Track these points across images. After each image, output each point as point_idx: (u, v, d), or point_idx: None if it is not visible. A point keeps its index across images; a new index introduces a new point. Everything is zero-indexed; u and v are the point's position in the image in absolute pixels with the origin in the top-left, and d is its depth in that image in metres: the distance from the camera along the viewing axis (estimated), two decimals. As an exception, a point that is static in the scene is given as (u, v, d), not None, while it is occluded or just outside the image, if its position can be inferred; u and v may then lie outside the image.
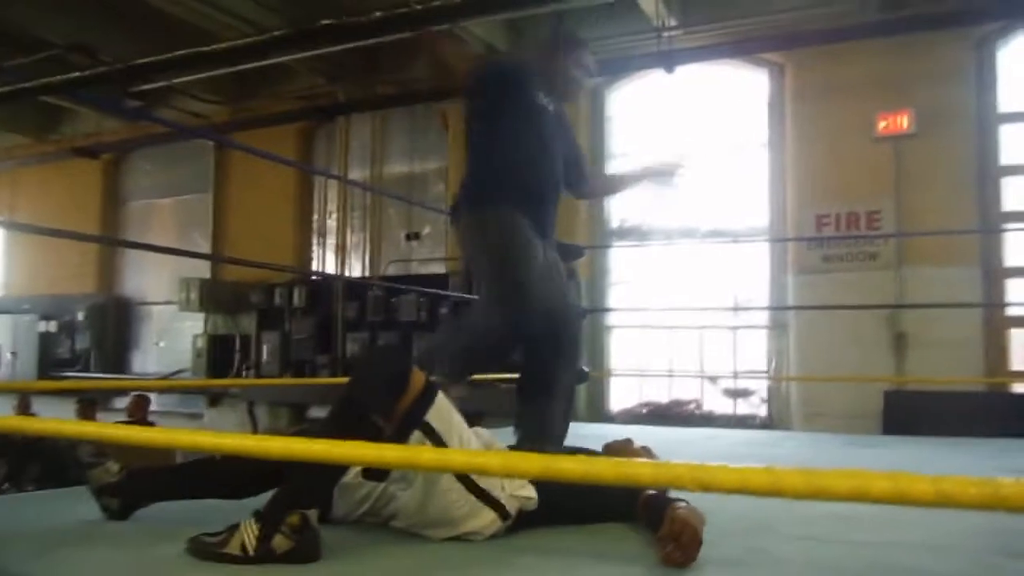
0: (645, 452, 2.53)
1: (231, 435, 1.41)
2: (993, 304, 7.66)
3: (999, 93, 7.98)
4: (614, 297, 9.27)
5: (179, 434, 1.42)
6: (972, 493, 0.94)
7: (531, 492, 2.10)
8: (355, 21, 6.66)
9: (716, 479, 1.09)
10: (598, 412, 8.89)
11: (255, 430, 9.92)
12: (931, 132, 7.80)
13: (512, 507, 2.06)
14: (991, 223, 7.86)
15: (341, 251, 10.80)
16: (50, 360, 12.65)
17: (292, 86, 10.60)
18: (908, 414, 7.25)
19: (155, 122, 9.70)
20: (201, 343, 11.17)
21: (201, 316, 11.45)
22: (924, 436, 5.73)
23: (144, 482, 2.23)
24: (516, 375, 3.16)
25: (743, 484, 1.06)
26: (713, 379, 8.77)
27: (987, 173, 7.87)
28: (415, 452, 1.37)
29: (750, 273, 8.75)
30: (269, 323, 10.71)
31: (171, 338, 12.34)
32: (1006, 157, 7.95)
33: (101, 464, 2.20)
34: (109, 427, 1.98)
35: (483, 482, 2.02)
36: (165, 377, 11.65)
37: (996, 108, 7.97)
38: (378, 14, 6.51)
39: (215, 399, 11.04)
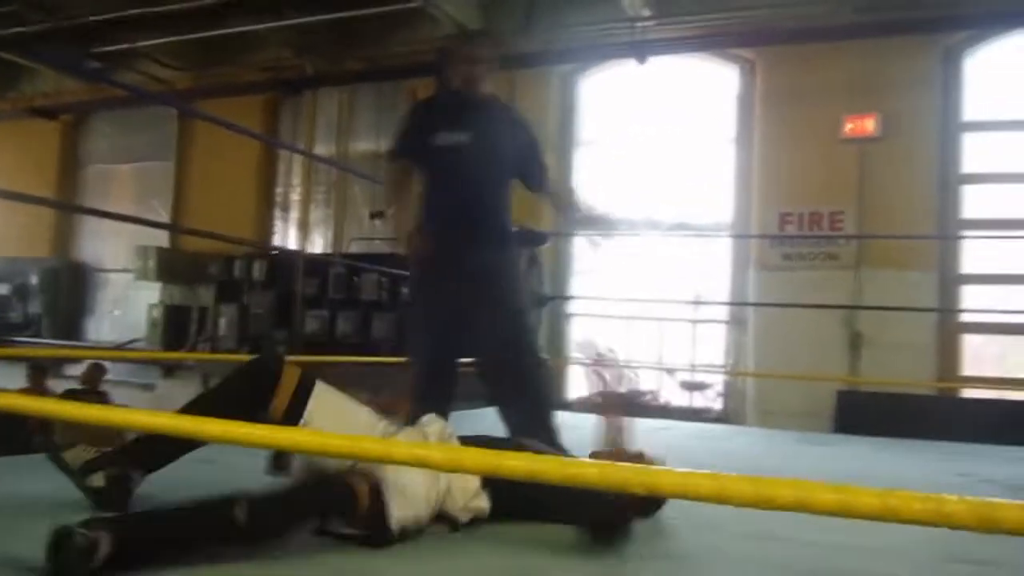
0: (637, 458, 2.31)
1: (145, 412, 1.46)
2: (948, 310, 7.78)
3: (964, 102, 8.08)
4: (576, 285, 9.26)
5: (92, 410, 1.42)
6: (917, 509, 0.95)
7: (484, 503, 2.06)
8: None
9: (661, 482, 1.08)
10: (556, 400, 8.88)
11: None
12: (896, 137, 7.89)
13: (464, 519, 2.03)
14: (950, 230, 7.98)
15: (304, 226, 10.65)
16: (1, 324, 12.36)
17: (259, 56, 10.40)
18: (860, 414, 7.36)
19: (115, 86, 9.43)
20: (157, 313, 10.98)
21: (158, 286, 11.24)
22: (874, 436, 5.81)
23: (129, 447, 2.06)
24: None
25: (688, 488, 1.06)
26: (671, 371, 8.81)
27: (948, 180, 7.98)
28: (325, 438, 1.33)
29: (712, 267, 8.80)
30: (227, 296, 10.54)
31: (126, 306, 12.12)
32: (967, 165, 8.07)
33: (72, 445, 2.03)
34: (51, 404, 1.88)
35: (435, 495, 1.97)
36: (119, 346, 11.43)
37: (960, 116, 8.08)
38: None
39: (169, 370, 10.86)
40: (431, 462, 1.26)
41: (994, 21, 7.67)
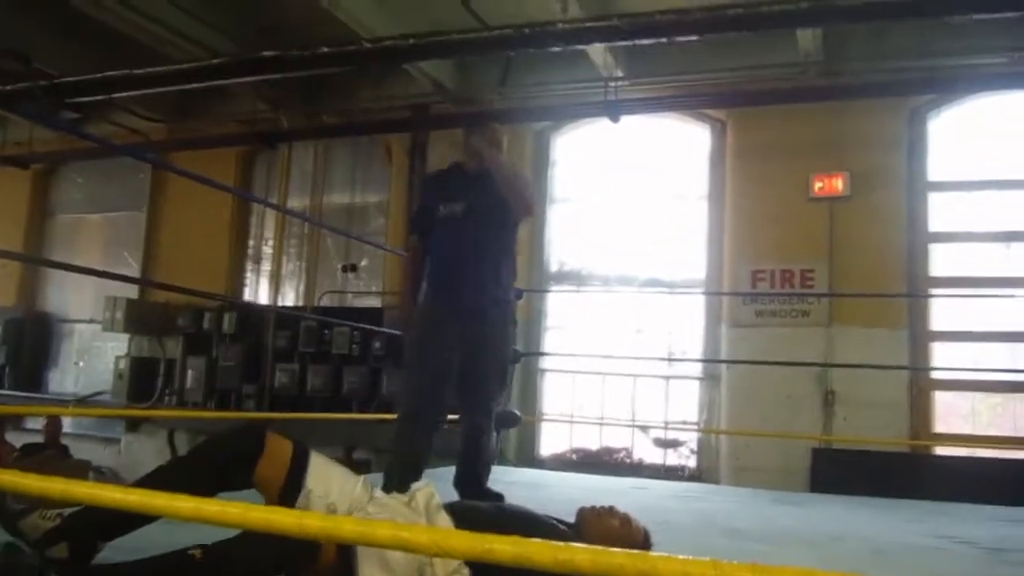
0: (624, 524, 2.31)
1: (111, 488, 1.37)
2: (919, 367, 7.83)
3: (929, 162, 8.25)
4: (549, 341, 9.23)
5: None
6: None
7: (465, 571, 2.00)
8: (299, 55, 6.55)
9: (660, 570, 1.03)
10: (528, 457, 8.79)
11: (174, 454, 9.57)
12: (865, 196, 8.02)
13: None
14: (919, 287, 8.07)
15: (275, 279, 10.57)
16: (-38, 375, 12.06)
17: (234, 109, 10.41)
18: (835, 472, 7.34)
19: (90, 140, 9.37)
20: (123, 365, 10.76)
21: (125, 337, 11.05)
22: (849, 495, 5.79)
23: (93, 517, 1.93)
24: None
25: None
26: (644, 428, 8.76)
27: (916, 238, 8.11)
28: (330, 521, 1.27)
29: (685, 324, 8.82)
30: (196, 348, 10.38)
31: (92, 358, 11.90)
32: (934, 224, 8.20)
33: (34, 510, 1.91)
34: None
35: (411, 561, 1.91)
36: (84, 399, 11.19)
37: (926, 176, 8.24)
38: (325, 49, 6.42)
39: (135, 424, 10.64)
40: (415, 545, 1.20)
41: (955, 85, 7.87)
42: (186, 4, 8.03)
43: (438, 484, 2.37)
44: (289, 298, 10.62)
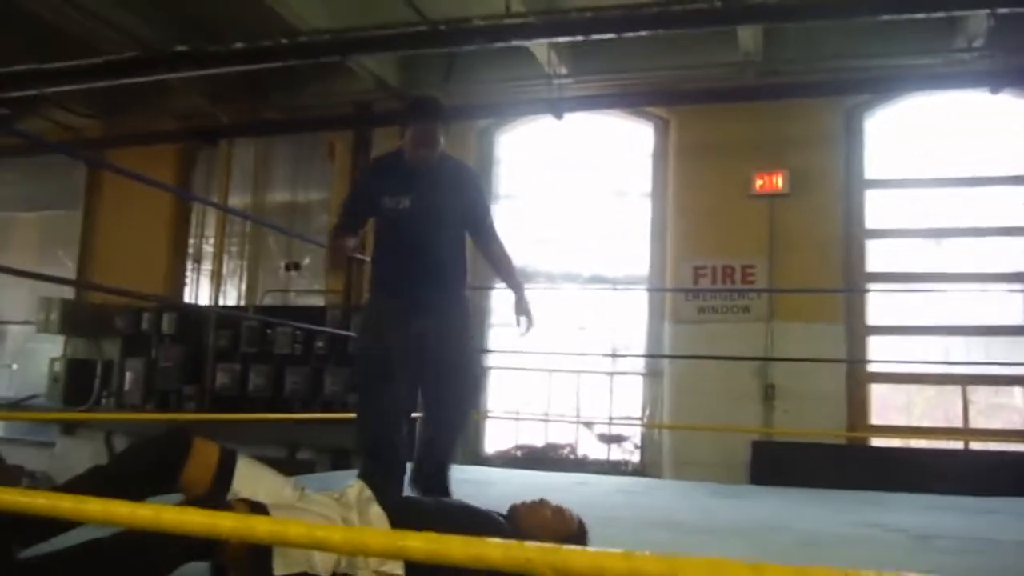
0: (556, 514, 2.32)
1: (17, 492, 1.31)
2: (856, 361, 8.00)
3: (866, 160, 8.44)
4: (494, 338, 9.22)
5: None
6: None
7: (399, 569, 1.98)
8: (235, 49, 6.43)
9: (572, 562, 1.02)
10: (474, 454, 8.77)
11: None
12: (803, 193, 8.16)
13: None
14: (856, 283, 8.25)
15: (217, 278, 10.37)
16: None
17: (173, 104, 10.19)
18: (774, 464, 7.47)
19: (21, 136, 9.07)
20: (59, 367, 10.47)
21: (61, 339, 10.76)
22: (787, 487, 5.88)
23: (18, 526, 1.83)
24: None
25: (604, 569, 1.00)
26: (589, 424, 8.81)
27: (853, 235, 8.28)
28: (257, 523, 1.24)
29: (628, 320, 8.88)
30: (134, 349, 10.14)
31: (26, 360, 11.54)
32: (871, 221, 8.38)
33: None
34: None
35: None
36: (17, 402, 10.86)
37: (863, 174, 8.42)
38: (239, 45, 6.32)
39: (70, 428, 10.35)
40: (330, 544, 1.18)
41: (890, 85, 8.07)
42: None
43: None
44: (231, 297, 10.43)
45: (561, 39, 6.80)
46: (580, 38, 6.39)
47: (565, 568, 1.03)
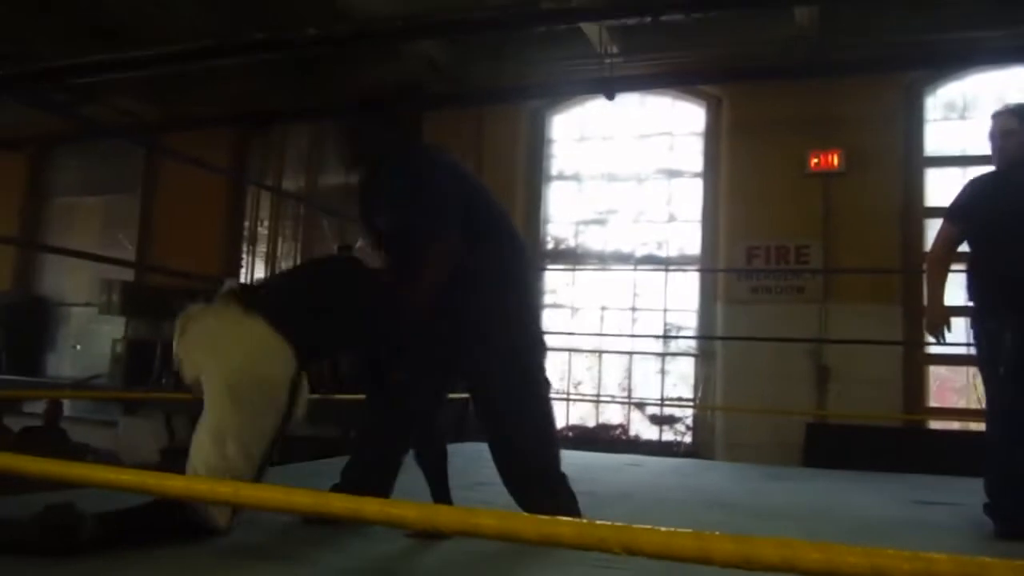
0: None
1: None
2: (913, 343, 7.85)
3: (926, 137, 8.23)
4: (547, 319, 9.24)
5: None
6: (905, 569, 0.91)
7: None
8: (290, 37, 6.48)
9: (642, 541, 1.04)
10: (525, 435, 8.82)
11: (172, 441, 9.59)
12: (860, 171, 8.00)
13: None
14: (914, 263, 8.07)
15: (271, 260, 10.54)
16: (-42, 359, 12.05)
17: (227, 88, 10.33)
18: (829, 446, 7.37)
19: (83, 122, 9.30)
20: (120, 348, 10.75)
21: (122, 320, 11.04)
22: (842, 470, 5.82)
23: None
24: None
25: (670, 548, 1.02)
26: (640, 405, 8.80)
27: (911, 214, 8.10)
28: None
29: (681, 300, 8.83)
30: (192, 330, 10.35)
31: (89, 341, 11.87)
32: (931, 199, 8.19)
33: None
34: None
35: None
36: (81, 382, 11.19)
37: (922, 151, 8.22)
38: (311, 31, 6.37)
39: (132, 407, 10.63)
40: (404, 520, 1.20)
41: (952, 60, 7.85)
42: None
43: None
44: (285, 279, 10.58)
45: (627, 19, 6.69)
46: (647, 19, 6.29)
47: (636, 546, 1.05)
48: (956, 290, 7.84)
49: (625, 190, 9.20)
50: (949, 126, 8.28)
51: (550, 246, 9.49)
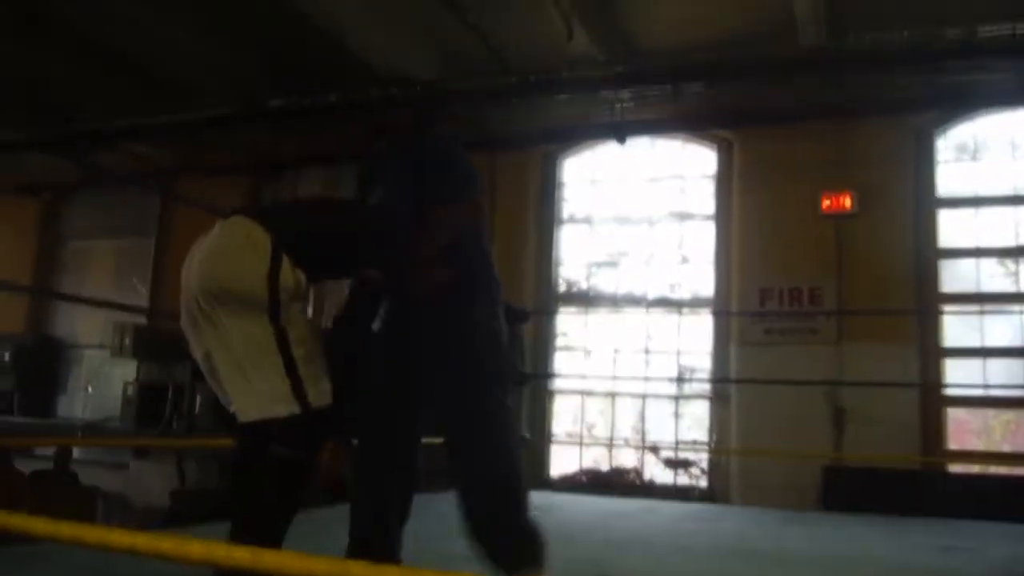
0: None
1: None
2: (930, 384, 7.78)
3: (937, 178, 8.25)
4: (559, 362, 9.22)
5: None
6: None
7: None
8: (315, 102, 6.68)
9: None
10: (538, 479, 8.74)
11: (183, 485, 9.55)
12: (872, 213, 8.01)
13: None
14: (928, 304, 8.04)
15: (284, 304, 10.55)
16: (-29, 401, 12.06)
17: (241, 135, 10.45)
18: (847, 490, 7.29)
19: (103, 173, 9.40)
20: (132, 391, 10.75)
21: (134, 363, 11.05)
22: (861, 514, 5.75)
23: None
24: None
25: None
26: (654, 449, 8.72)
27: (925, 255, 8.08)
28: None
29: (694, 342, 8.80)
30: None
31: (101, 384, 11.88)
32: (943, 240, 8.18)
33: None
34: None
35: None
36: (92, 424, 11.18)
37: (934, 193, 8.23)
38: (332, 98, 6.56)
39: (143, 451, 10.60)
40: None
41: (961, 102, 7.89)
42: (197, 29, 8.06)
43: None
44: (298, 322, 10.59)
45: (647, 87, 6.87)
46: (668, 87, 6.47)
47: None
48: (964, 331, 7.90)
49: (637, 233, 9.22)
50: (960, 167, 8.30)
51: (563, 288, 9.49)
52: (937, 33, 6.55)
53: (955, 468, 7.75)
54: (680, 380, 8.77)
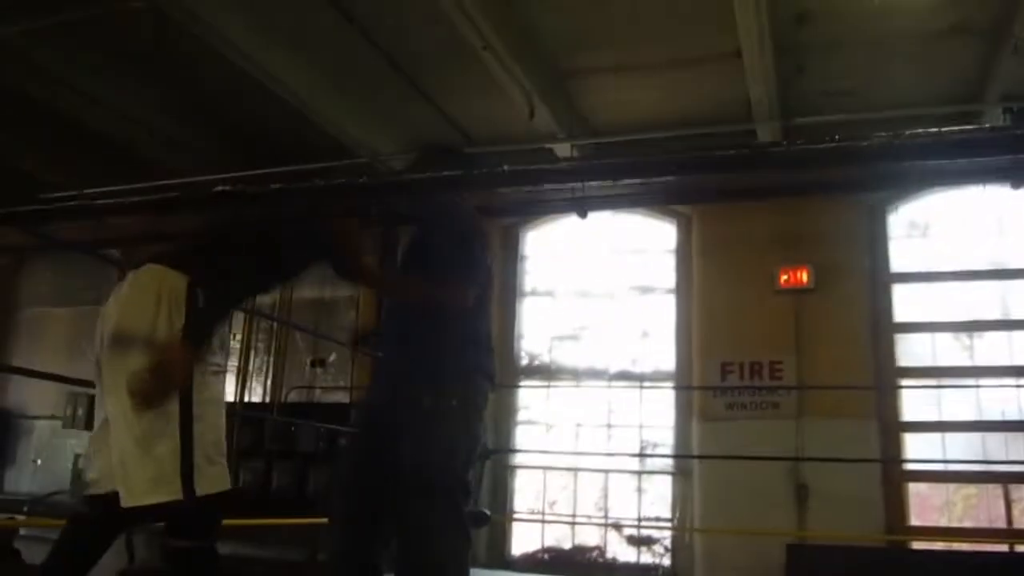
0: None
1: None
2: (890, 460, 7.79)
3: (891, 254, 8.40)
4: (520, 436, 9.12)
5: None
6: None
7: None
8: (277, 188, 6.63)
9: None
10: (499, 557, 8.55)
11: (131, 563, 9.22)
12: (829, 288, 8.12)
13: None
14: (887, 378, 8.10)
15: (243, 375, 10.39)
16: (-87, 475, 11.64)
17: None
18: (811, 568, 7.21)
19: (57, 243, 9.28)
20: (83, 463, 10.44)
21: (86, 434, 10.74)
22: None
23: None
24: None
25: None
26: (617, 526, 8.59)
27: (882, 329, 8.19)
28: None
29: (657, 417, 8.75)
30: (159, 447, 10.09)
31: (51, 455, 11.53)
32: (899, 314, 8.29)
33: None
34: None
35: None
36: (40, 499, 10.80)
37: (889, 268, 8.37)
38: (295, 183, 6.51)
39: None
40: None
41: (908, 181, 8.11)
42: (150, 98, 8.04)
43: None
44: (257, 393, 10.42)
45: (617, 180, 6.95)
46: (639, 181, 6.56)
47: None
48: (922, 405, 7.96)
49: (599, 306, 9.24)
50: (912, 243, 8.47)
51: (524, 362, 9.44)
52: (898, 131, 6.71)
53: (919, 545, 7.71)
54: (642, 456, 8.70)
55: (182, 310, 2.21)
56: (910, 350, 8.27)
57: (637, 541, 8.50)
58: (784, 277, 8.23)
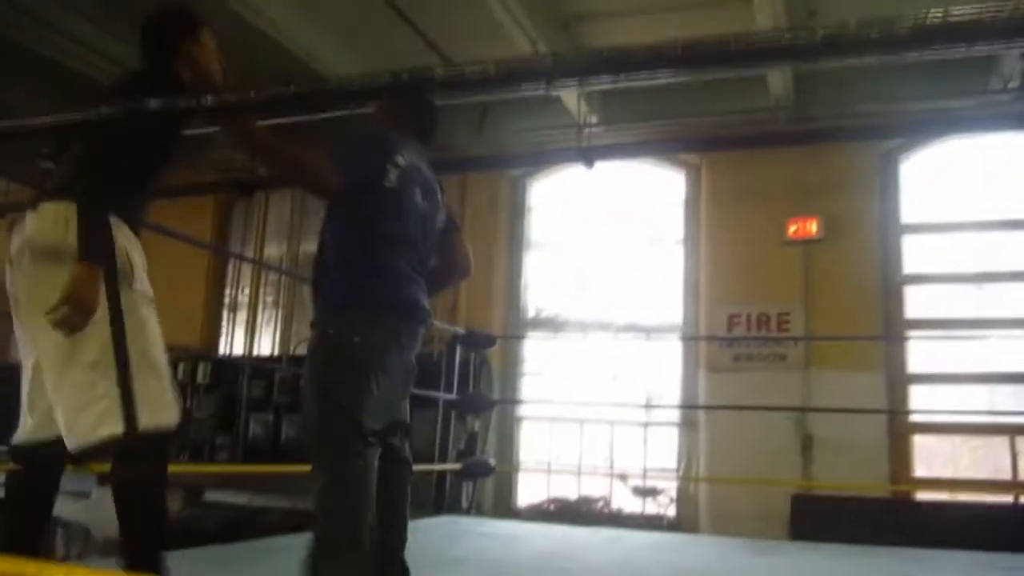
0: None
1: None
2: (897, 411, 7.78)
3: (902, 204, 8.30)
4: (526, 388, 9.14)
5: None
6: None
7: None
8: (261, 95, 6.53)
9: None
10: (505, 508, 8.63)
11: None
12: (839, 239, 8.03)
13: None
14: (895, 329, 8.05)
15: (251, 327, 10.44)
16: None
17: (209, 155, 10.34)
18: (815, 518, 7.23)
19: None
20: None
21: None
22: (831, 542, 5.68)
23: None
24: None
25: None
26: (623, 477, 8.64)
27: (891, 280, 8.11)
28: None
29: (663, 369, 8.75)
30: (170, 399, 10.18)
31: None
32: (909, 266, 8.21)
33: None
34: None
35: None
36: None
37: (899, 219, 8.27)
38: (291, 88, 6.42)
39: (105, 478, 10.37)
40: None
41: (925, 128, 7.96)
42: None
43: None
44: (266, 346, 10.48)
45: (589, 87, 6.82)
46: (607, 84, 6.40)
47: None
48: (931, 357, 7.91)
49: (605, 257, 9.19)
50: (926, 193, 8.35)
51: (531, 314, 9.44)
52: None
53: (923, 496, 7.72)
54: (648, 407, 8.71)
55: (75, 233, 2.16)
56: (920, 301, 8.20)
57: (643, 492, 8.55)
58: (793, 227, 8.14)
